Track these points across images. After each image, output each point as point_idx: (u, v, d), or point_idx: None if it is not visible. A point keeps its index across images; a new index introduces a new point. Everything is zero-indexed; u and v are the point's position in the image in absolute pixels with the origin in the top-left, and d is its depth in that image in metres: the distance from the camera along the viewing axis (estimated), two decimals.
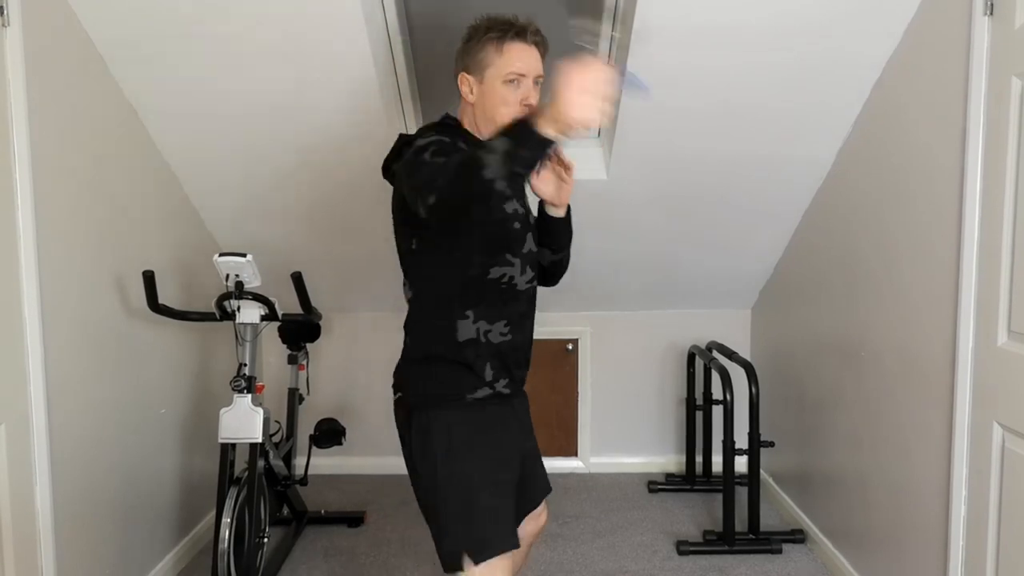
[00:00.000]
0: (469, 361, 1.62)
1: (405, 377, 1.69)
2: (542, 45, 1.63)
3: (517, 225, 1.66)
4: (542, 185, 1.71)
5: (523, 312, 1.71)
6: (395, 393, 1.71)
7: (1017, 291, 1.69)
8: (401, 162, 1.58)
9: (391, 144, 2.64)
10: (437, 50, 2.52)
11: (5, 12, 1.82)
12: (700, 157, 2.61)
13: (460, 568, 1.55)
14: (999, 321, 1.74)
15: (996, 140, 1.74)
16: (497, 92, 1.60)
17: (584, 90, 1.26)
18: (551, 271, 1.85)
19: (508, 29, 1.59)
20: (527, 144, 1.33)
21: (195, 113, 2.42)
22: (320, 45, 2.18)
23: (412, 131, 2.75)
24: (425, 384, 1.65)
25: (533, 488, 1.79)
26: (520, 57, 1.59)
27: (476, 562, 1.53)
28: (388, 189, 2.82)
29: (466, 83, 1.65)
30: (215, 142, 2.54)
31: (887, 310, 2.25)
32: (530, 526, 1.82)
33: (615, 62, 1.28)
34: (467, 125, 1.68)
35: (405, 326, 1.70)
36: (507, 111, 1.59)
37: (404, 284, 1.69)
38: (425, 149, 1.51)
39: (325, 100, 2.38)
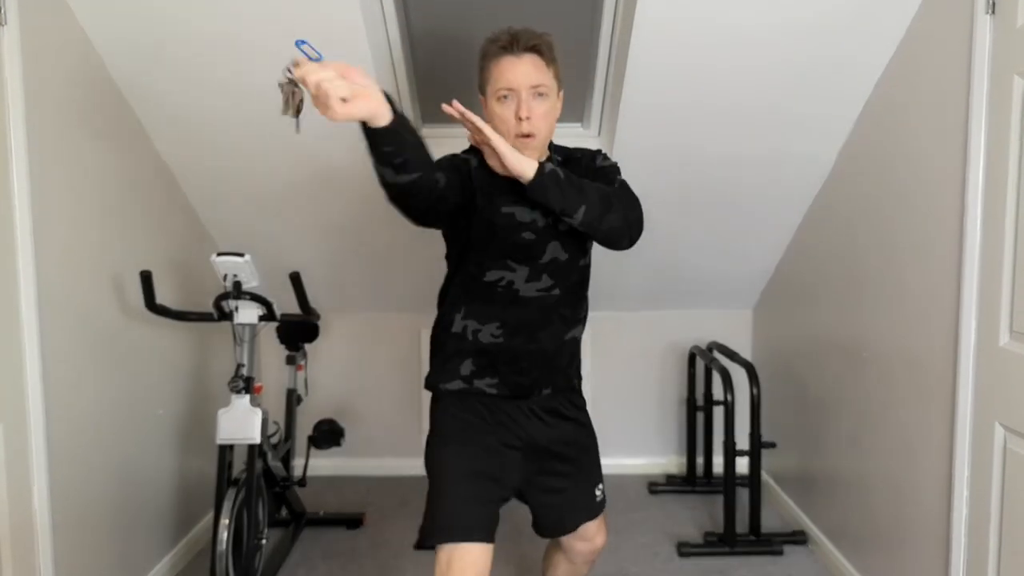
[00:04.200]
0: (449, 353, 1.71)
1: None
2: (540, 51, 1.58)
3: (529, 235, 1.65)
4: (492, 162, 1.57)
5: (529, 320, 1.68)
6: None
7: (1019, 291, 1.68)
8: None
9: None
10: (437, 54, 2.51)
11: (2, 11, 1.81)
12: (700, 157, 2.61)
13: (425, 548, 1.61)
14: (1001, 321, 1.74)
15: (998, 139, 1.74)
16: (495, 111, 1.61)
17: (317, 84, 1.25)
18: (595, 238, 1.66)
19: (494, 44, 1.58)
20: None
21: (193, 113, 2.41)
22: (320, 46, 2.17)
23: None
24: (431, 370, 1.77)
25: (556, 513, 1.80)
26: (504, 72, 1.57)
27: (418, 545, 1.59)
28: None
29: (482, 104, 1.66)
30: (213, 142, 2.53)
31: (889, 310, 2.24)
32: (578, 545, 1.85)
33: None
34: None
35: None
36: (505, 128, 1.59)
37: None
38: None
39: None
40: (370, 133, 1.34)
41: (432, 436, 1.71)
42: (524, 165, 1.51)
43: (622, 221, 1.62)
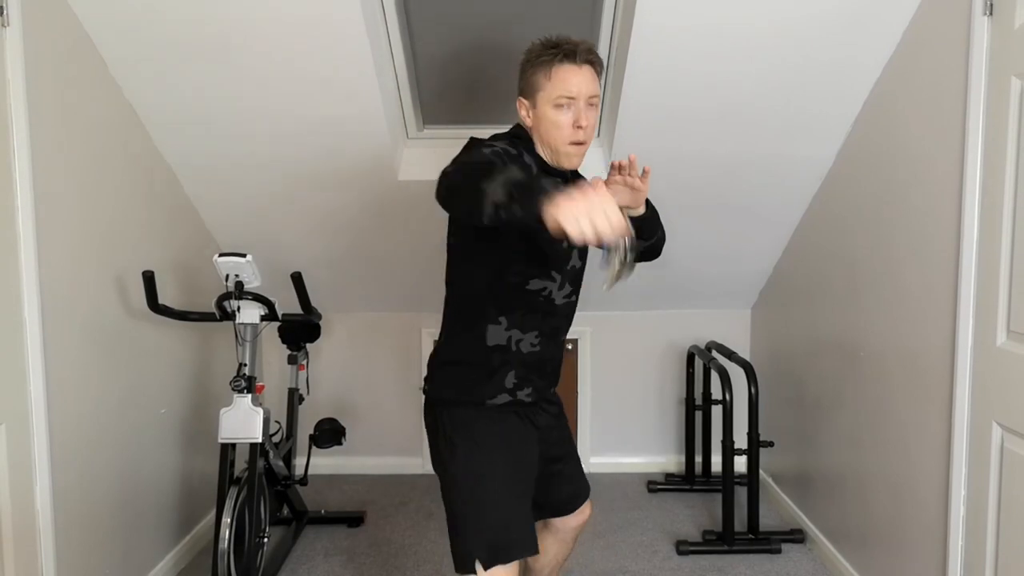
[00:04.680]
0: (495, 366, 1.65)
1: (433, 374, 1.73)
2: (596, 64, 1.61)
3: (567, 243, 1.63)
4: (616, 196, 1.57)
5: (557, 327, 1.74)
6: (424, 385, 1.77)
7: (1016, 291, 1.69)
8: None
9: (390, 144, 2.65)
10: (437, 51, 2.52)
11: (5, 12, 1.82)
12: (700, 157, 2.61)
13: (471, 571, 1.56)
14: (998, 321, 1.75)
15: (995, 140, 1.74)
16: (548, 116, 1.60)
17: (579, 207, 1.18)
18: (649, 252, 1.86)
19: (556, 52, 1.58)
20: (523, 203, 1.24)
21: (195, 113, 2.42)
22: (320, 45, 2.19)
23: (412, 132, 2.77)
24: (450, 385, 1.69)
25: (567, 490, 1.85)
26: (568, 80, 1.57)
27: (486, 567, 1.55)
28: (388, 189, 2.84)
29: (523, 107, 1.65)
30: (215, 142, 2.54)
31: (886, 310, 2.26)
32: (573, 521, 1.89)
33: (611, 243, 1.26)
34: (535, 142, 1.68)
35: (442, 326, 1.75)
36: (559, 134, 1.60)
37: (445, 283, 1.74)
38: (489, 146, 1.55)
39: (325, 100, 2.38)
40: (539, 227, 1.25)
41: (468, 451, 1.63)
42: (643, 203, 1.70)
43: (663, 238, 1.84)
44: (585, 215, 1.17)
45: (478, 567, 1.55)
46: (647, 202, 1.74)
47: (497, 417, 1.67)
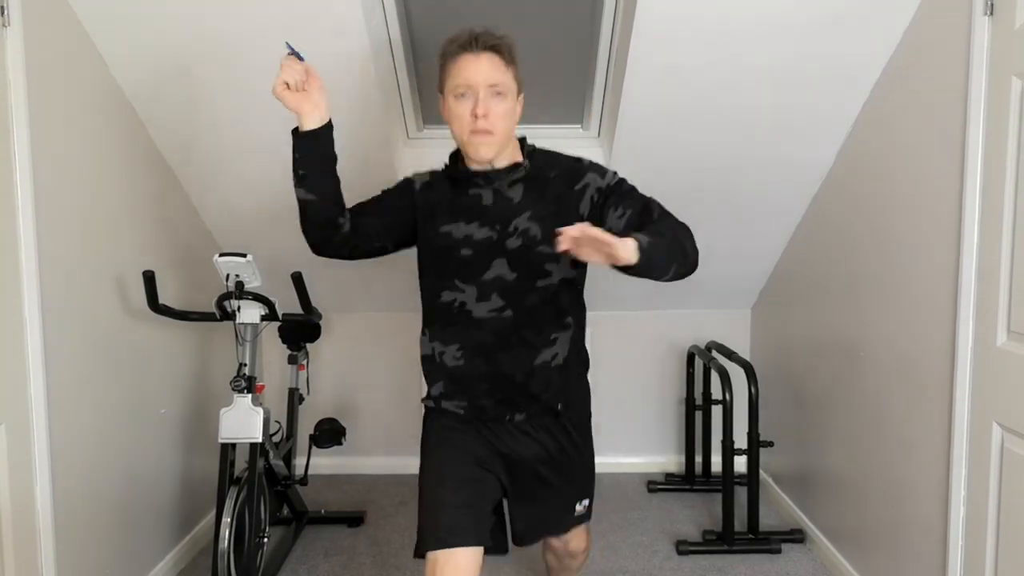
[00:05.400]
0: (427, 373, 1.74)
1: None
2: (500, 50, 1.56)
3: (467, 251, 1.64)
4: (584, 257, 1.38)
5: (484, 342, 1.64)
6: None
7: (1016, 291, 1.69)
8: None
9: (390, 144, 2.65)
10: (437, 50, 2.51)
11: (5, 12, 1.82)
12: (700, 158, 2.62)
13: (420, 555, 1.64)
14: (998, 321, 1.75)
15: (996, 140, 1.75)
16: (451, 108, 1.60)
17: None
18: (678, 275, 1.55)
19: (454, 43, 1.59)
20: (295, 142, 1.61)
21: (195, 113, 2.42)
22: (320, 45, 2.19)
23: (412, 132, 2.77)
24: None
25: (517, 527, 1.77)
26: (464, 69, 1.56)
27: (421, 552, 1.61)
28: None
29: (442, 104, 1.65)
30: (215, 142, 2.54)
31: (887, 310, 2.26)
32: (554, 543, 1.88)
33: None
34: None
35: None
36: (459, 125, 1.59)
37: None
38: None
39: None
40: (293, 133, 1.60)
41: (421, 447, 1.75)
42: (630, 251, 1.36)
43: (693, 254, 1.55)
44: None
45: (427, 556, 1.60)
46: (646, 247, 1.41)
47: (436, 417, 1.74)
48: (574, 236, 1.33)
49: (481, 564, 1.60)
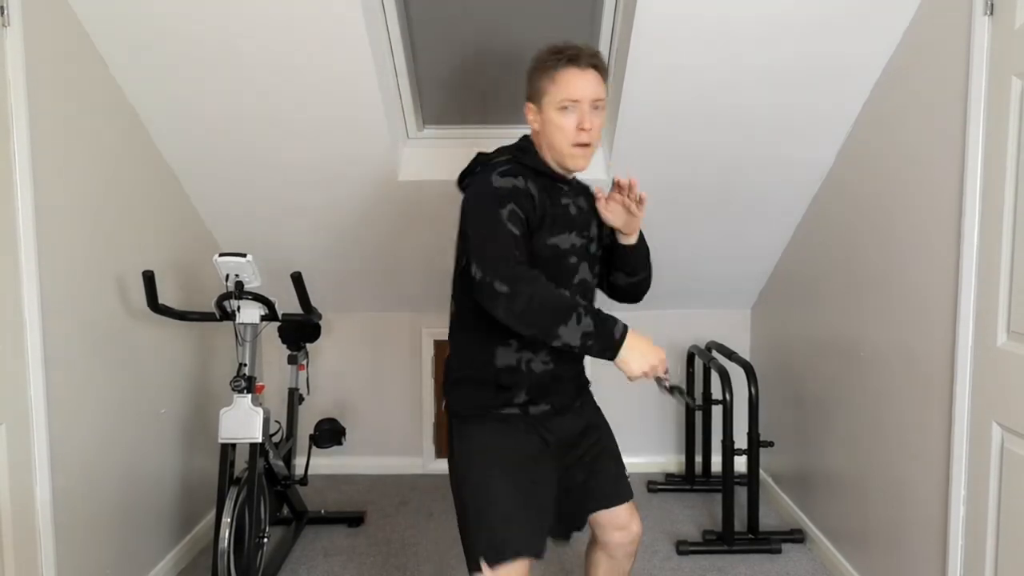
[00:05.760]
0: (504, 385, 1.67)
1: (447, 388, 1.76)
2: (601, 68, 1.63)
3: (573, 259, 1.69)
4: (610, 215, 1.75)
5: None
6: (443, 397, 1.79)
7: (1016, 291, 1.69)
8: (475, 203, 1.60)
9: (390, 144, 2.65)
10: (437, 50, 2.52)
11: (5, 12, 1.82)
12: (700, 157, 2.62)
13: (477, 568, 1.61)
14: (998, 321, 1.75)
15: (996, 140, 1.75)
16: (553, 120, 1.62)
17: (644, 354, 1.52)
18: (630, 292, 1.89)
19: (561, 57, 1.60)
20: (599, 343, 1.51)
21: (195, 113, 2.42)
22: (320, 46, 2.19)
23: (412, 132, 2.77)
24: (463, 398, 1.72)
25: (594, 491, 1.80)
26: (572, 83, 1.59)
27: (490, 565, 1.59)
28: (388, 189, 2.84)
29: (530, 112, 1.68)
30: (215, 142, 2.54)
31: (887, 310, 2.26)
32: (616, 536, 1.83)
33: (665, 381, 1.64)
34: (539, 148, 1.70)
35: (449, 338, 1.77)
36: (563, 137, 1.62)
37: (451, 296, 1.75)
38: (503, 204, 1.55)
39: (325, 100, 2.38)
40: (620, 335, 1.57)
41: (473, 457, 1.68)
42: (637, 230, 1.75)
43: (647, 277, 1.89)
44: (645, 365, 1.51)
45: (483, 566, 1.59)
46: (641, 237, 1.80)
47: (503, 424, 1.68)
48: (642, 195, 1.69)
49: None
